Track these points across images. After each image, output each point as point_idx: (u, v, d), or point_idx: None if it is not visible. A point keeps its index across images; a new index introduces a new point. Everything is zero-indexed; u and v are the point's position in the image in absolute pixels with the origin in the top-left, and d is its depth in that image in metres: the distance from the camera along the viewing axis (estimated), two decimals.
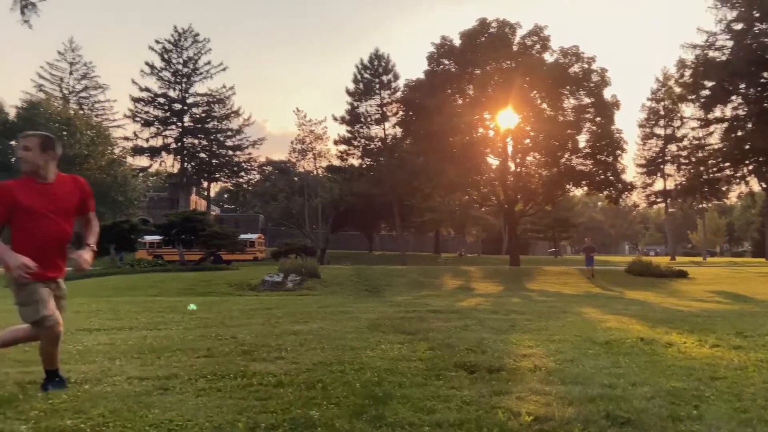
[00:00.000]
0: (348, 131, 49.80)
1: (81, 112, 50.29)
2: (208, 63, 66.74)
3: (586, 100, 35.67)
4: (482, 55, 35.66)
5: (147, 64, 64.30)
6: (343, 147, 50.56)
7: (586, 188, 38.62)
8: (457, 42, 37.66)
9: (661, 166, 56.90)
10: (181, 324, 7.58)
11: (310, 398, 3.53)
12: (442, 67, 37.94)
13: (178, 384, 3.88)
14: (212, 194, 77.84)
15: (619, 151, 35.36)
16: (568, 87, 35.27)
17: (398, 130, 46.64)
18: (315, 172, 53.35)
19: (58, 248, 3.68)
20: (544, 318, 8.30)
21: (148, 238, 40.32)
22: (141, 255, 39.74)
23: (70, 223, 3.76)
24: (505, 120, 36.50)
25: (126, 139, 61.91)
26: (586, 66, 35.23)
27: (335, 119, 49.28)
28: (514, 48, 36.53)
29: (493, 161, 39.36)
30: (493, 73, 35.58)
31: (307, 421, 3.03)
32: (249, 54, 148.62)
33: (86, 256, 3.78)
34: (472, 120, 36.35)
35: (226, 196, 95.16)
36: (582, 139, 35.95)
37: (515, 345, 5.71)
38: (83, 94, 67.57)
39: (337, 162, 51.67)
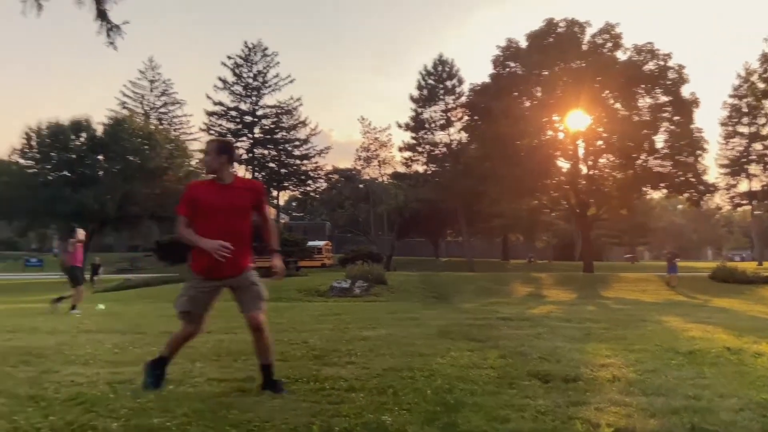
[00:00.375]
0: (412, 138, 49.88)
1: (161, 126, 53.22)
2: (277, 76, 68.88)
3: (663, 99, 34.07)
4: (550, 56, 34.82)
5: (219, 79, 67.17)
6: (407, 153, 50.67)
7: (664, 191, 36.83)
8: (523, 44, 37.00)
9: (746, 166, 53.28)
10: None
11: (382, 403, 3.55)
12: (508, 69, 37.37)
13: (255, 387, 4.01)
14: (281, 203, 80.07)
15: (699, 151, 33.54)
16: (642, 85, 33.84)
17: (463, 135, 46.26)
18: (380, 179, 53.80)
19: (234, 245, 3.79)
20: (622, 327, 7.96)
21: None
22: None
23: (244, 221, 3.95)
24: (575, 121, 35.44)
25: (201, 151, 64.88)
26: (661, 63, 33.68)
27: (399, 126, 49.49)
28: (584, 47, 35.45)
29: (564, 164, 38.24)
30: (561, 73, 34.67)
31: (379, 426, 3.05)
32: (315, 64, 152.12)
33: (278, 262, 4.10)
34: (541, 122, 35.56)
35: (294, 204, 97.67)
36: (659, 140, 34.36)
37: (591, 354, 5.51)
38: (162, 110, 71.58)
39: (401, 169, 51.86)
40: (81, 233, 11.32)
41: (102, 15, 7.09)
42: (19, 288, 27.72)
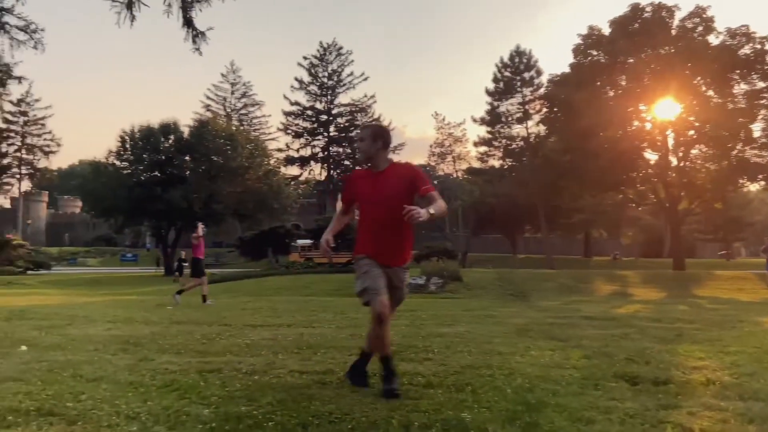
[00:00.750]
0: (488, 132, 49.11)
1: (241, 127, 55.46)
2: (351, 74, 70.02)
3: (761, 85, 31.57)
4: (636, 43, 33.14)
5: (296, 79, 69.16)
6: (483, 148, 49.98)
7: (762, 182, 34.13)
8: (606, 31, 35.45)
9: None
10: (333, 323, 7.98)
11: (461, 401, 3.51)
12: (590, 58, 35.94)
13: (334, 379, 4.09)
14: None
15: None
16: (738, 71, 31.53)
17: (542, 128, 45.01)
18: (455, 175, 53.38)
19: (390, 235, 3.67)
20: (717, 327, 7.45)
21: (300, 242, 43.16)
22: (294, 257, 42.71)
23: (399, 211, 3.54)
24: (664, 111, 33.54)
25: (279, 150, 67.12)
26: (758, 47, 31.21)
27: (474, 120, 48.88)
28: (673, 32, 33.47)
29: (651, 156, 36.34)
30: (648, 61, 32.92)
31: (459, 424, 3.03)
32: (388, 61, 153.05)
33: (421, 210, 3.52)
34: (626, 113, 33.95)
35: None
36: (757, 128, 31.90)
37: (683, 356, 5.19)
38: (243, 111, 74.65)
39: (477, 164, 51.25)
40: (201, 229, 12.13)
41: (188, 22, 7.46)
42: (115, 281, 29.83)
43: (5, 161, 76.97)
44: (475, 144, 50.11)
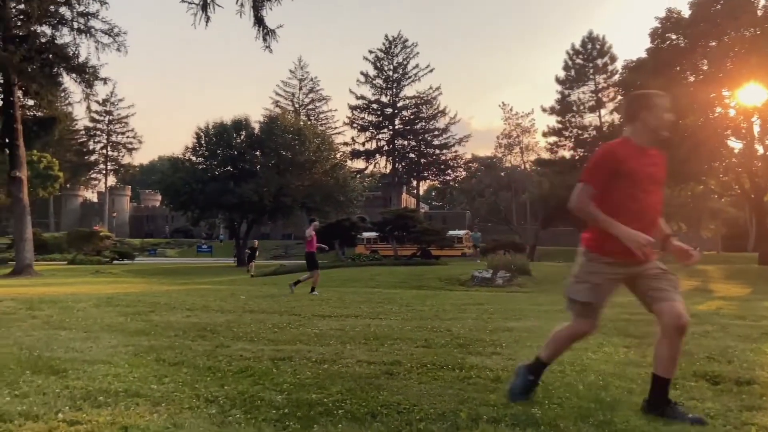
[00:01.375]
0: (558, 122, 47.64)
1: (309, 122, 56.57)
2: (416, 66, 69.81)
3: None
4: (718, 25, 31.06)
5: (362, 73, 69.75)
6: (552, 138, 48.54)
7: None
8: (685, 13, 33.44)
9: None
10: (399, 315, 8.03)
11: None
12: (668, 42, 34.05)
13: (401, 370, 4.13)
14: (421, 192, 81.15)
15: None
16: None
17: (616, 117, 43.16)
18: (522, 167, 52.22)
19: (652, 225, 3.18)
20: None
21: (366, 234, 43.61)
22: (360, 250, 43.23)
23: (660, 196, 3.24)
24: (749, 96, 31.32)
25: (345, 144, 68.04)
26: None
27: (544, 110, 47.52)
28: (759, 13, 31.11)
29: (735, 144, 34.06)
30: (732, 43, 30.79)
31: (528, 419, 2.98)
32: (454, 52, 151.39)
33: (682, 246, 3.17)
34: (707, 99, 31.93)
35: (433, 193, 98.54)
36: None
37: None
38: (310, 106, 76.12)
39: (546, 155, 49.85)
40: (315, 225, 13.15)
41: (259, 21, 7.69)
42: (192, 271, 31.27)
43: (93, 158, 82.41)
44: (545, 134, 48.75)
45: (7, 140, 21.98)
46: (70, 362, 4.22)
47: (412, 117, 69.78)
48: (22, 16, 21.52)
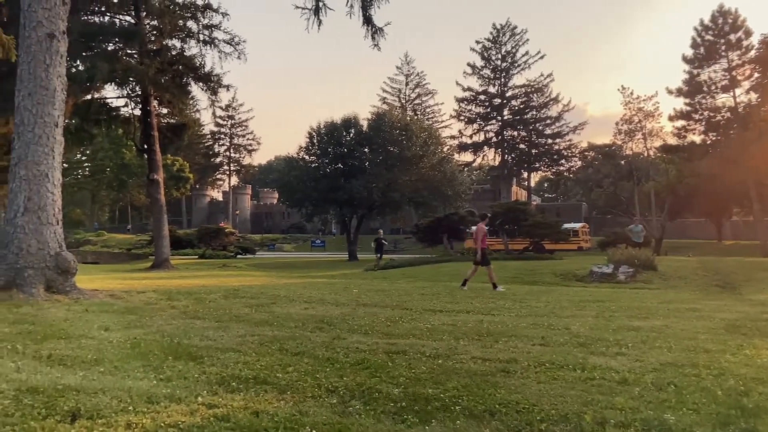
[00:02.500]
0: (686, 104, 43.77)
1: (415, 117, 56.87)
2: (526, 54, 67.50)
3: None
4: None
5: (469, 65, 68.72)
6: (680, 122, 44.64)
7: None
8: None
9: None
10: (513, 311, 7.84)
11: (662, 400, 3.23)
12: None
13: (519, 368, 4.03)
14: (532, 184, 78.57)
15: None
16: None
17: (753, 96, 38.96)
18: (645, 154, 48.72)
19: None
20: None
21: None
22: (469, 244, 42.72)
23: None
24: None
25: (452, 137, 67.46)
26: None
27: (669, 92, 43.84)
28: None
29: None
30: None
31: (661, 424, 2.79)
32: (567, 35, 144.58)
33: None
34: None
35: (546, 185, 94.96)
36: None
37: None
38: (417, 101, 76.42)
39: (672, 140, 46.03)
40: (484, 223, 13.39)
41: (368, 20, 7.84)
42: (307, 264, 32.70)
43: (218, 160, 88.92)
44: (671, 118, 44.99)
45: (145, 146, 24.33)
46: (206, 349, 4.58)
47: (521, 106, 67.64)
48: (155, 32, 23.67)
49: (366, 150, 39.95)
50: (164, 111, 26.86)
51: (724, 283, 14.62)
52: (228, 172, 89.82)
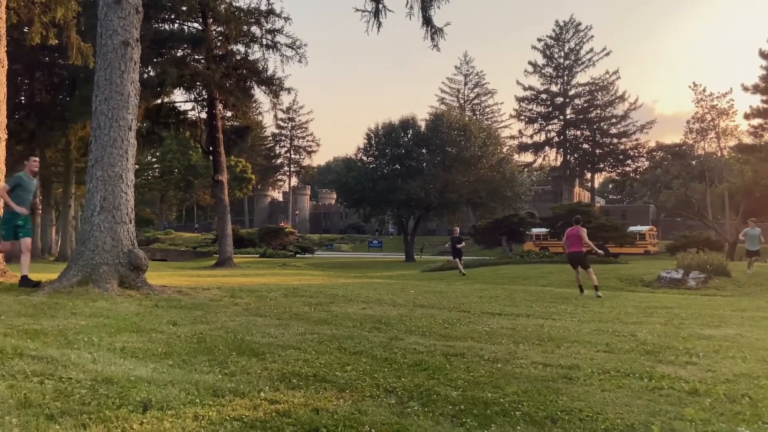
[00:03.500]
0: (763, 101, 41.27)
1: (474, 117, 56.29)
2: (590, 51, 65.64)
3: None
4: None
5: (530, 63, 67.47)
6: (757, 121, 42.17)
7: None
8: None
9: None
10: (575, 316, 7.62)
11: (736, 413, 3.06)
12: None
13: (581, 375, 3.91)
14: (596, 185, 76.08)
15: None
16: None
17: None
18: (719, 154, 46.20)
19: None
20: None
21: (535, 230, 42.12)
22: (528, 246, 41.91)
23: None
24: None
25: (512, 137, 66.42)
26: None
27: (745, 89, 41.46)
28: None
29: None
30: None
31: None
32: (633, 30, 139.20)
33: None
34: None
35: (610, 186, 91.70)
36: None
37: None
38: (476, 101, 75.67)
39: (748, 139, 43.46)
40: (580, 227, 12.24)
41: (428, 21, 7.82)
42: (364, 264, 32.99)
43: (278, 161, 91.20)
44: (746, 116, 42.51)
45: (210, 148, 25.25)
46: (267, 346, 4.70)
47: (585, 105, 65.73)
48: (221, 38, 24.54)
49: (423, 151, 39.89)
50: (228, 114, 27.81)
51: None
52: (288, 173, 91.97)
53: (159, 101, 23.94)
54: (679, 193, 45.36)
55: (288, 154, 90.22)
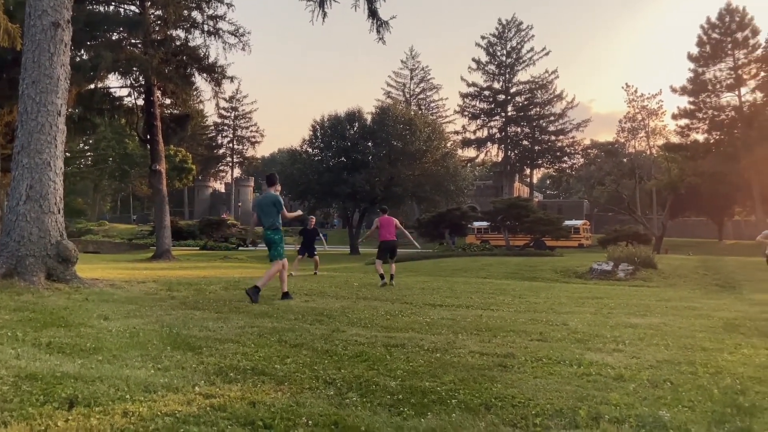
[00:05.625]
0: (690, 102, 43.72)
1: (420, 111, 56.72)
2: (531, 50, 67.36)
3: None
4: None
5: (474, 60, 68.58)
6: (683, 121, 44.65)
7: None
8: None
9: None
10: (512, 306, 7.86)
11: (657, 397, 3.24)
12: None
13: (516, 363, 4.04)
14: (535, 180, 78.48)
15: None
16: None
17: (758, 96, 38.87)
18: (648, 152, 48.60)
19: None
20: None
21: (476, 224, 43.03)
22: (470, 239, 42.82)
23: None
24: None
25: (456, 133, 67.42)
26: None
27: (674, 90, 43.83)
28: None
29: None
30: None
31: (655, 421, 2.80)
32: (572, 32, 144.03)
33: None
34: None
35: (548, 182, 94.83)
36: None
37: None
38: (421, 96, 76.24)
39: (675, 139, 45.93)
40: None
41: (373, 14, 7.82)
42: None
43: (221, 151, 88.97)
44: (674, 116, 44.95)
45: (148, 136, 24.33)
46: (204, 340, 4.60)
47: (525, 103, 67.52)
48: (159, 22, 23.63)
49: (369, 144, 39.88)
50: (167, 101, 26.85)
51: (724, 282, 14.63)
52: (231, 164, 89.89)
53: (92, 86, 22.80)
54: (611, 189, 47.49)
55: (231, 145, 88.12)
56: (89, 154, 73.46)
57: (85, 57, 21.61)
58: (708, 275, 15.91)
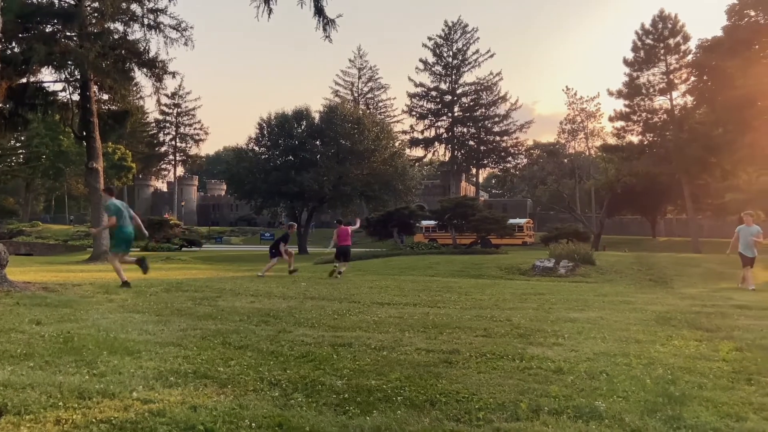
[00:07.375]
0: (626, 105, 45.61)
1: (368, 111, 56.82)
2: (476, 52, 68.64)
3: None
4: None
5: (421, 60, 69.29)
6: (619, 123, 46.53)
7: None
8: None
9: None
10: (458, 304, 7.98)
11: (594, 388, 3.37)
12: (747, 20, 31.98)
13: (460, 359, 4.11)
14: (480, 180, 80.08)
15: None
16: None
17: (689, 99, 41.02)
18: (587, 153, 50.49)
19: None
20: None
21: (425, 222, 43.53)
22: (418, 238, 43.25)
23: None
24: None
25: (404, 132, 67.95)
26: None
27: (610, 94, 45.60)
28: None
29: None
30: None
31: (592, 411, 2.91)
32: (516, 35, 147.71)
33: None
34: None
35: (493, 181, 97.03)
36: None
37: None
38: (369, 95, 76.39)
39: (612, 140, 47.89)
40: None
41: (320, 12, 7.76)
42: (256, 258, 32.17)
43: (163, 149, 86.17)
44: (611, 119, 46.82)
45: (84, 133, 23.30)
46: (144, 344, 4.45)
47: (471, 104, 68.81)
48: (96, 14, 22.66)
49: (317, 143, 39.63)
50: (105, 97, 25.77)
51: (657, 278, 15.38)
52: (173, 162, 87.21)
53: (24, 80, 21.65)
54: (552, 189, 49.09)
55: (173, 142, 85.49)
56: (21, 151, 69.69)
57: (16, 50, 20.48)
58: (642, 271, 16.66)
